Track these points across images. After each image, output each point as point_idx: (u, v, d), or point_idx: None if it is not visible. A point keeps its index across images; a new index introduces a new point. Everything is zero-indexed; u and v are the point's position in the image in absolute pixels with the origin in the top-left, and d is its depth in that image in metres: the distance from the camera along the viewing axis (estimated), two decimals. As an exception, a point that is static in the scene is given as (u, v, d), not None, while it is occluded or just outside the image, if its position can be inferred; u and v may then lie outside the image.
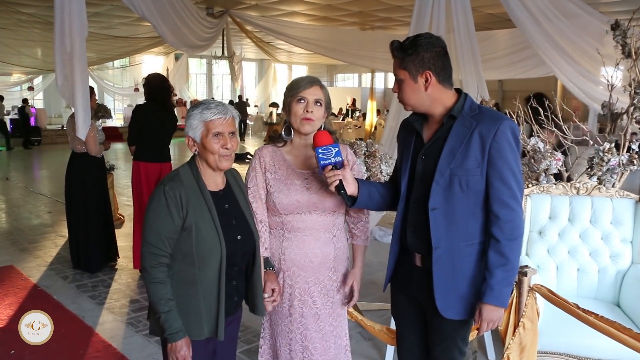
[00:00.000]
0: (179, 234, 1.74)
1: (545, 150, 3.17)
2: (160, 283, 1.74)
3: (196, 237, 1.74)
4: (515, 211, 1.73)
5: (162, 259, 1.74)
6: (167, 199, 1.72)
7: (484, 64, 5.73)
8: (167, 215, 1.72)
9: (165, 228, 1.73)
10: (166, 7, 6.98)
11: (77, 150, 4.60)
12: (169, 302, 1.73)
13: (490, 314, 1.76)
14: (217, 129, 1.76)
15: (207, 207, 1.78)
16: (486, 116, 1.75)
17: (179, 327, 1.74)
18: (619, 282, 2.81)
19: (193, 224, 1.74)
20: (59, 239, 5.65)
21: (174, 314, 1.74)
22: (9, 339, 3.31)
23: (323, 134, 1.87)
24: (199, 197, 1.78)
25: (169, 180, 1.78)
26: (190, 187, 1.78)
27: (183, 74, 19.30)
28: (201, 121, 1.76)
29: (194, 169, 1.82)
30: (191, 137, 1.80)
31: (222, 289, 1.78)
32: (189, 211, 1.74)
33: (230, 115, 1.79)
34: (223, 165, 1.80)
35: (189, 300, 1.77)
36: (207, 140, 1.76)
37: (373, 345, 3.33)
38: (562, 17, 5.03)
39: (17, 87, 18.30)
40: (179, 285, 1.77)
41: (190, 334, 1.78)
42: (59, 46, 4.28)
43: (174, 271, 1.78)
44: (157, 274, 1.73)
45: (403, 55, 1.75)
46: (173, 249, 1.76)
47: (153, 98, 4.40)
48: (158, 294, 1.73)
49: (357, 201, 1.91)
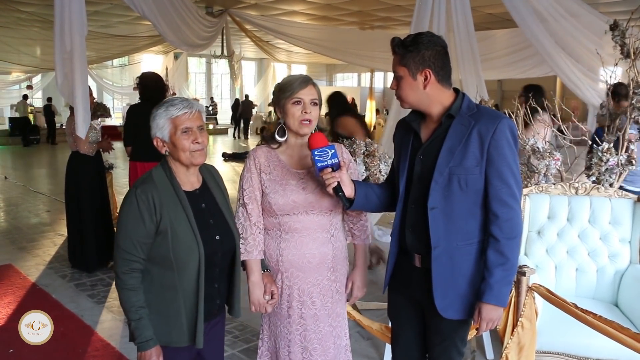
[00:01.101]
0: (152, 238, 1.70)
1: (544, 150, 3.17)
2: (131, 290, 1.70)
3: (172, 240, 1.69)
4: (514, 210, 1.74)
5: (135, 265, 1.70)
6: (138, 202, 1.68)
7: (483, 64, 5.74)
8: (139, 219, 1.67)
9: (138, 233, 1.68)
10: (166, 6, 6.98)
11: (74, 149, 4.60)
12: (139, 310, 1.69)
13: (489, 313, 1.75)
14: (185, 125, 1.71)
15: (182, 208, 1.73)
16: (484, 115, 1.75)
17: (149, 335, 1.69)
18: (618, 282, 2.81)
19: (168, 227, 1.69)
20: (58, 238, 5.65)
21: (144, 322, 1.69)
22: (7, 338, 3.30)
23: (318, 135, 1.86)
24: (174, 199, 1.73)
25: (141, 183, 1.74)
26: (163, 188, 1.73)
27: (182, 73, 19.29)
28: (167, 119, 1.72)
29: (167, 170, 1.77)
30: (159, 137, 1.75)
31: (200, 293, 1.73)
32: (163, 214, 1.69)
33: (196, 109, 1.75)
34: (197, 160, 1.76)
35: (170, 306, 1.73)
36: (176, 137, 1.72)
37: (372, 344, 3.33)
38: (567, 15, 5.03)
39: (16, 86, 18.29)
40: (159, 290, 1.73)
41: (172, 340, 1.74)
42: (58, 45, 4.29)
43: (153, 276, 1.74)
44: (129, 280, 1.70)
45: (404, 52, 1.75)
46: (150, 253, 1.71)
47: (147, 98, 4.38)
48: (129, 300, 1.69)
49: (353, 203, 1.90)
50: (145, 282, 1.74)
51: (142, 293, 1.71)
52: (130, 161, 4.48)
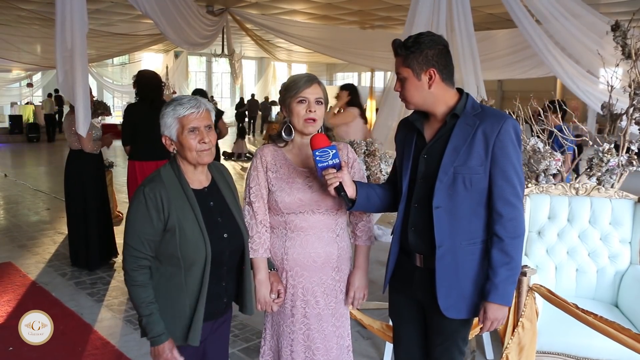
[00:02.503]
0: (160, 236, 1.71)
1: (545, 150, 3.17)
2: (141, 286, 1.71)
3: (180, 238, 1.71)
4: (517, 209, 1.74)
5: (143, 262, 1.72)
6: (146, 200, 1.69)
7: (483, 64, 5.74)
8: (146, 217, 1.69)
9: (145, 230, 1.69)
10: (168, 5, 6.99)
11: (74, 147, 4.60)
12: (150, 305, 1.71)
13: (495, 312, 1.75)
14: (192, 124, 1.72)
15: (190, 207, 1.74)
16: (489, 115, 1.75)
17: (160, 330, 1.71)
18: (618, 282, 2.82)
19: (176, 225, 1.70)
20: (58, 236, 5.65)
21: (155, 317, 1.71)
22: (7, 336, 3.30)
23: (320, 136, 1.86)
24: (182, 197, 1.74)
25: (149, 181, 1.74)
26: (171, 187, 1.74)
27: (183, 72, 19.30)
28: (175, 118, 1.73)
29: (175, 168, 1.78)
30: (167, 136, 1.76)
31: (203, 291, 1.74)
32: (171, 212, 1.70)
33: (203, 108, 1.75)
34: (204, 160, 1.77)
35: (177, 304, 1.74)
36: (183, 137, 1.72)
37: (372, 344, 3.33)
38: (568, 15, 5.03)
39: (16, 84, 18.28)
40: (167, 288, 1.75)
41: (177, 339, 1.75)
42: (59, 43, 4.27)
43: (162, 273, 1.75)
44: (138, 276, 1.71)
45: (406, 53, 1.75)
46: (157, 250, 1.73)
47: (143, 96, 4.36)
48: (139, 297, 1.71)
49: (355, 204, 1.90)
50: (153, 279, 1.75)
51: (152, 289, 1.73)
52: (129, 160, 4.47)
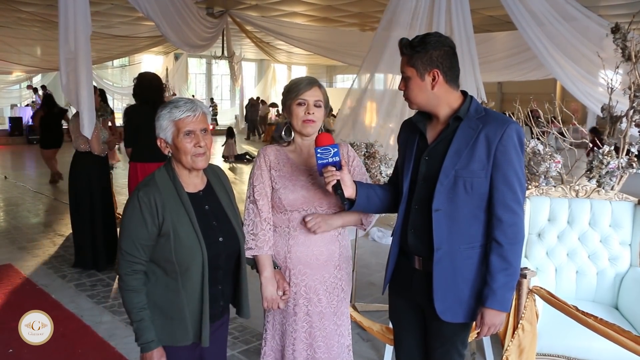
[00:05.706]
0: (155, 241, 1.70)
1: (545, 152, 3.17)
2: (133, 291, 1.71)
3: (175, 242, 1.69)
4: (518, 215, 1.73)
5: (137, 266, 1.71)
6: (140, 205, 1.68)
7: (483, 66, 5.76)
8: (141, 221, 1.68)
9: (140, 235, 1.68)
10: (168, 7, 7.01)
11: (80, 149, 4.60)
12: (141, 312, 1.70)
13: (492, 318, 1.75)
14: (188, 127, 1.69)
15: (185, 211, 1.72)
16: (492, 119, 1.75)
17: (150, 337, 1.70)
18: (618, 284, 2.82)
19: (171, 229, 1.69)
20: (58, 238, 5.65)
21: (146, 323, 1.70)
22: (7, 338, 3.30)
23: (325, 135, 1.89)
24: (176, 201, 1.72)
25: (143, 185, 1.73)
26: (166, 191, 1.72)
27: (182, 74, 19.31)
28: (170, 121, 1.70)
29: (170, 172, 1.76)
30: (163, 138, 1.74)
31: (205, 294, 1.73)
32: (166, 216, 1.69)
33: (200, 111, 1.72)
34: (198, 164, 1.74)
35: (173, 306, 1.74)
36: (178, 140, 1.70)
37: (372, 346, 3.33)
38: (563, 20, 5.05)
39: (16, 86, 18.28)
40: (163, 291, 1.74)
41: (176, 339, 1.75)
42: (63, 45, 4.27)
43: (157, 277, 1.75)
44: (131, 281, 1.70)
45: (411, 53, 1.75)
46: (152, 255, 1.72)
47: (143, 98, 4.35)
48: (131, 302, 1.70)
49: (354, 204, 1.90)
50: (149, 282, 1.75)
51: (145, 294, 1.72)
52: (131, 162, 4.47)
